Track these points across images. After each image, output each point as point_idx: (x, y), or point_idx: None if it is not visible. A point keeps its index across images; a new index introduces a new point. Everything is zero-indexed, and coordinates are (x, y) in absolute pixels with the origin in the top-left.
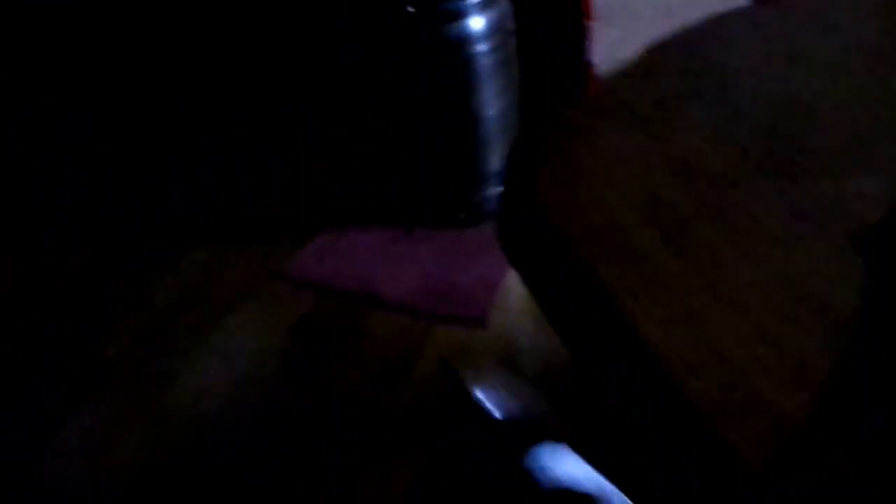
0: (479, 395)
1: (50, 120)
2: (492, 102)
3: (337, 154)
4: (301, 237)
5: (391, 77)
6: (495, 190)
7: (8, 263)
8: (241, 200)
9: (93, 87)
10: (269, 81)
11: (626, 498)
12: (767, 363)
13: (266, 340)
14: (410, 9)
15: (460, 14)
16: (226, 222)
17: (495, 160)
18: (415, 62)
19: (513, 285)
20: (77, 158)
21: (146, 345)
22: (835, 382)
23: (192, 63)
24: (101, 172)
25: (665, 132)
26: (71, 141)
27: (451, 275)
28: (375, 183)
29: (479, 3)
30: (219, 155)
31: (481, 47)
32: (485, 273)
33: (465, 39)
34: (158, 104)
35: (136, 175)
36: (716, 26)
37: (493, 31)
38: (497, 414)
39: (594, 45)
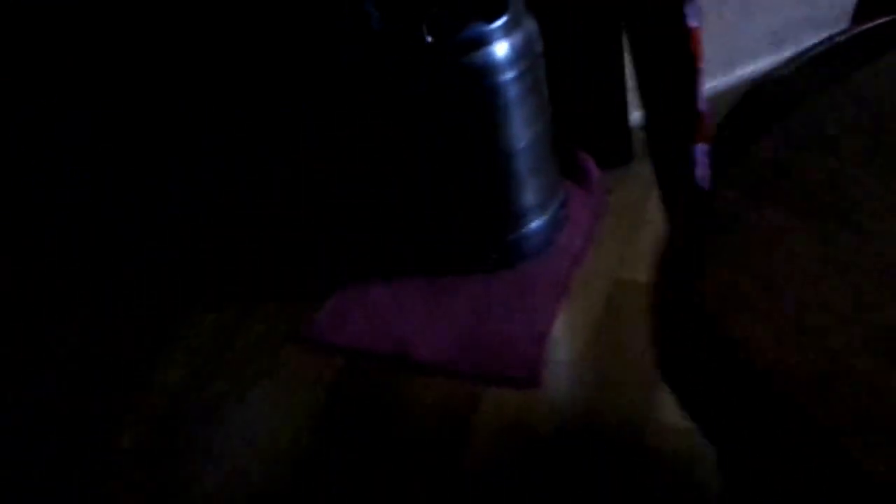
0: None
1: (50, 120)
2: (521, 134)
3: (357, 197)
4: (319, 292)
5: (412, 112)
6: (530, 228)
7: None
8: (250, 249)
9: (93, 87)
10: (279, 98)
11: None
12: None
13: (292, 417)
14: (428, 39)
15: (483, 41)
16: (234, 280)
17: (528, 195)
18: (435, 96)
19: (562, 334)
20: (77, 158)
21: (161, 431)
22: None
23: (192, 63)
24: (101, 173)
25: (867, 223)
26: (71, 141)
27: (492, 327)
28: (398, 227)
29: (502, 27)
30: (220, 156)
31: (507, 75)
32: (529, 322)
33: (489, 68)
34: (158, 104)
35: (137, 176)
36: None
37: (520, 55)
38: None
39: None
